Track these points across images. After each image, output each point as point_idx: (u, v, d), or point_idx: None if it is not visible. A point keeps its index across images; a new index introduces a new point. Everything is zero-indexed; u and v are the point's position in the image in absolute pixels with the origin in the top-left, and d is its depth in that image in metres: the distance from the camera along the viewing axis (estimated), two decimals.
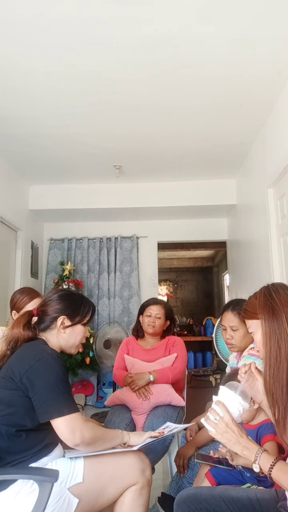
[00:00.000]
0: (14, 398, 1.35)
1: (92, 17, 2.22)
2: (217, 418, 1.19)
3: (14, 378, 1.37)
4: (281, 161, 2.97)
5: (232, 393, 1.23)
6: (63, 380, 1.38)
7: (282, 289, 1.24)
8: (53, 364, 1.38)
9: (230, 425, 1.18)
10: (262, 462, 1.14)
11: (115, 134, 3.62)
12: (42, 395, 1.33)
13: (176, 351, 2.51)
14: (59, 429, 1.33)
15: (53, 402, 1.33)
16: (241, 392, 1.23)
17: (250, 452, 1.16)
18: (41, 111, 3.21)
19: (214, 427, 1.20)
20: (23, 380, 1.35)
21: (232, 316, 2.02)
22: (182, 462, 1.91)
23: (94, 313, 1.67)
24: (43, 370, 1.36)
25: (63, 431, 1.33)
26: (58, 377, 1.36)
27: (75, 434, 1.32)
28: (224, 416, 1.19)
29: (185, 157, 4.14)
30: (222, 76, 2.77)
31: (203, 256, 8.74)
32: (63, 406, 1.33)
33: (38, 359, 1.38)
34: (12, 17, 2.22)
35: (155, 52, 2.51)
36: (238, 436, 1.17)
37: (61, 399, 1.34)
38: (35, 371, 1.35)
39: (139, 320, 2.64)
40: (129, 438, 1.54)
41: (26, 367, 1.36)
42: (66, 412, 1.33)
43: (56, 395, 1.34)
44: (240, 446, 1.17)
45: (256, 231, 3.83)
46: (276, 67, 2.66)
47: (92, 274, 5.40)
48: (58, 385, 1.35)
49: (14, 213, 4.43)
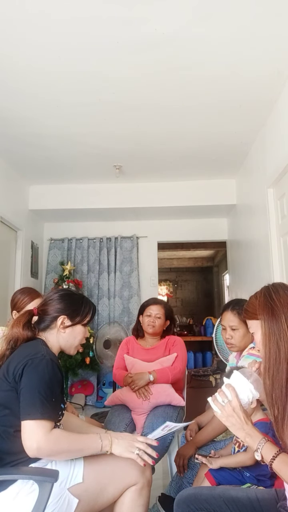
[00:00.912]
0: (10, 399, 1.35)
1: (92, 17, 2.22)
2: (224, 401, 1.19)
3: (8, 378, 1.37)
4: (281, 161, 2.97)
5: (245, 379, 1.22)
6: (48, 384, 1.33)
7: (282, 289, 1.24)
8: (43, 366, 1.35)
9: (237, 410, 1.17)
10: (265, 452, 1.13)
11: (115, 134, 3.62)
12: (22, 393, 1.32)
13: (176, 351, 2.51)
14: (23, 433, 1.28)
15: (28, 403, 1.30)
16: (254, 380, 1.22)
17: (253, 440, 1.16)
18: (41, 111, 3.21)
19: (221, 409, 1.19)
20: (16, 378, 1.35)
21: (232, 316, 2.02)
22: (182, 462, 1.91)
23: (95, 313, 1.67)
24: (31, 370, 1.34)
25: (24, 436, 1.28)
26: (42, 380, 1.33)
27: (32, 443, 1.26)
28: (232, 400, 1.18)
29: (185, 157, 4.14)
30: (222, 76, 2.77)
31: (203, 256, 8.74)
32: (36, 409, 1.28)
33: (30, 358, 1.36)
34: (12, 17, 2.22)
35: (155, 52, 2.51)
36: (243, 422, 1.17)
37: (37, 402, 1.29)
38: (24, 370, 1.34)
39: (139, 320, 2.64)
40: (110, 448, 1.40)
41: (18, 366, 1.36)
42: (37, 416, 1.28)
43: (33, 397, 1.30)
44: (243, 433, 1.17)
45: (256, 231, 3.83)
46: (276, 67, 2.66)
47: (92, 274, 5.40)
48: (40, 388, 1.31)
49: (14, 213, 4.43)
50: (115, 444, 1.42)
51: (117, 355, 2.67)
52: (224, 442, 1.92)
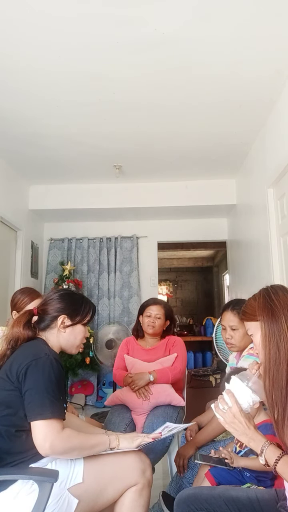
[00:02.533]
0: (12, 399, 1.35)
1: (92, 17, 2.22)
2: (225, 408, 1.19)
3: (11, 378, 1.37)
4: (281, 161, 2.97)
5: (243, 384, 1.22)
6: (54, 383, 1.35)
7: (282, 291, 1.24)
8: (48, 366, 1.36)
9: (238, 416, 1.17)
10: (268, 455, 1.13)
11: (115, 134, 3.62)
12: (29, 395, 1.32)
13: (176, 351, 2.51)
14: (35, 433, 1.30)
15: (38, 404, 1.31)
16: (254, 383, 1.22)
17: (256, 444, 1.16)
18: (41, 111, 3.21)
19: (222, 416, 1.19)
20: (19, 379, 1.35)
21: (232, 316, 2.02)
22: (182, 462, 1.91)
23: (95, 313, 1.67)
24: (36, 371, 1.35)
25: (37, 436, 1.29)
26: (49, 379, 1.34)
27: (45, 442, 1.28)
28: (232, 406, 1.18)
29: (185, 157, 4.14)
30: (222, 76, 2.77)
31: (203, 256, 8.74)
32: (46, 409, 1.30)
33: (34, 359, 1.37)
34: (12, 17, 2.22)
35: (155, 52, 2.51)
36: (245, 427, 1.17)
37: (46, 403, 1.31)
38: (28, 371, 1.34)
39: (139, 320, 2.64)
40: (118, 444, 1.48)
41: (21, 366, 1.36)
42: (47, 416, 1.30)
43: (42, 397, 1.31)
44: (246, 437, 1.17)
45: (256, 231, 3.83)
46: (276, 67, 2.66)
47: (92, 274, 5.40)
48: (48, 388, 1.33)
49: (14, 213, 4.43)
50: (121, 438, 1.49)
51: (117, 355, 2.67)
52: (224, 442, 1.92)
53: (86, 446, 1.41)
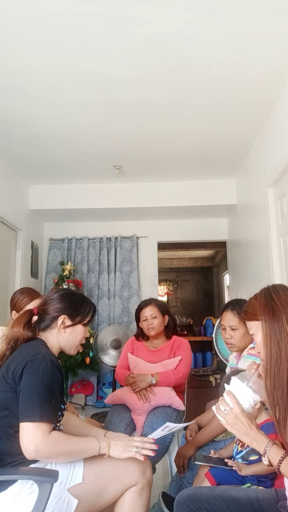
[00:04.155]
0: (9, 400, 1.35)
1: (92, 17, 2.21)
2: (226, 409, 1.19)
3: (8, 379, 1.36)
4: (281, 161, 2.97)
5: (243, 384, 1.22)
6: (47, 386, 1.33)
7: (283, 290, 1.24)
8: (43, 367, 1.35)
9: (239, 417, 1.17)
10: (272, 456, 1.13)
11: (115, 134, 3.62)
12: (22, 395, 1.31)
13: (180, 354, 2.48)
14: (22, 434, 1.28)
15: (27, 405, 1.29)
16: (254, 383, 1.22)
17: (259, 444, 1.16)
18: (41, 111, 3.21)
19: (224, 417, 1.19)
20: (15, 379, 1.35)
21: (232, 316, 2.02)
22: (182, 462, 1.91)
23: (95, 313, 1.67)
24: (31, 371, 1.34)
25: (23, 438, 1.27)
26: (42, 381, 1.32)
27: (30, 445, 1.26)
28: (233, 407, 1.18)
29: (185, 157, 4.14)
30: (222, 76, 2.77)
31: (203, 256, 8.74)
32: (35, 412, 1.28)
33: (30, 359, 1.36)
34: (12, 16, 2.22)
35: (155, 52, 2.51)
36: (247, 428, 1.17)
37: (36, 405, 1.29)
38: (24, 371, 1.34)
39: (139, 326, 2.63)
40: (108, 450, 1.41)
41: (18, 367, 1.35)
42: (36, 418, 1.27)
43: (33, 399, 1.30)
44: (249, 438, 1.17)
45: (256, 231, 3.83)
46: (276, 67, 2.66)
47: (92, 274, 5.40)
48: (39, 390, 1.31)
49: (14, 213, 4.43)
50: (113, 446, 1.43)
51: (121, 354, 2.66)
52: (224, 442, 1.92)
53: (73, 451, 1.38)
